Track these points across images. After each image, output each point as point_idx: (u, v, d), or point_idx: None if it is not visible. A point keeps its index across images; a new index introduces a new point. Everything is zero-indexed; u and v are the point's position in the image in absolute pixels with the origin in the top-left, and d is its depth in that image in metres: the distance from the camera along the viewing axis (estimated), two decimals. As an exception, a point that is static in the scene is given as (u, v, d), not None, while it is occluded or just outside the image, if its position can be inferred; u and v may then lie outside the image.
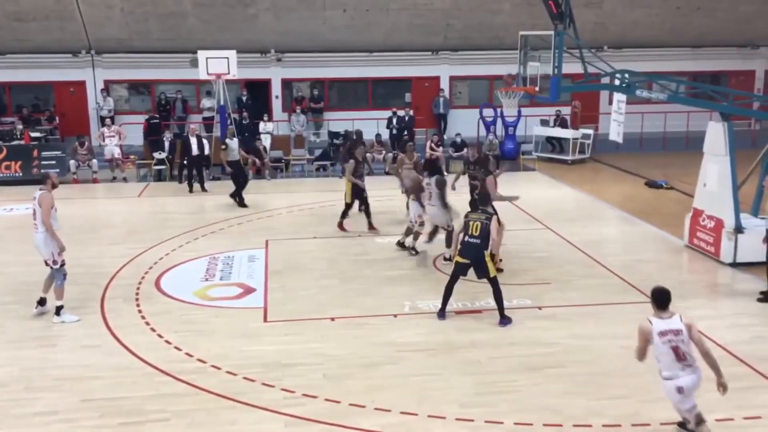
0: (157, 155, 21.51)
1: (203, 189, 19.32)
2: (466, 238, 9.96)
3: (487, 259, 9.91)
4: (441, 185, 12.72)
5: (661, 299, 6.82)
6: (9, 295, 11.41)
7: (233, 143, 18.10)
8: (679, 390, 6.69)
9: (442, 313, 10.25)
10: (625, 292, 11.35)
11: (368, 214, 14.89)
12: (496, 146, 23.14)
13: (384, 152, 21.83)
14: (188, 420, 7.61)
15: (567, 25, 12.74)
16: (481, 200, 10.61)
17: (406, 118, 24.15)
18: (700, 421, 6.79)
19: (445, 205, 12.77)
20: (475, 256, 9.90)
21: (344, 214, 15.00)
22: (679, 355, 6.64)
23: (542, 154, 24.38)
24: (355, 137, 18.54)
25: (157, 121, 23.61)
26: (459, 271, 10.15)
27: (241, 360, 8.97)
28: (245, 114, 23.33)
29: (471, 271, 10.09)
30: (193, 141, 19.39)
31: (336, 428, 7.43)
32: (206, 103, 25.09)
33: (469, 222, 10.06)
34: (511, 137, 24.38)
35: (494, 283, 9.99)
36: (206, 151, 19.70)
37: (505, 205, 13.48)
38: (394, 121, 24.01)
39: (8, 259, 13.39)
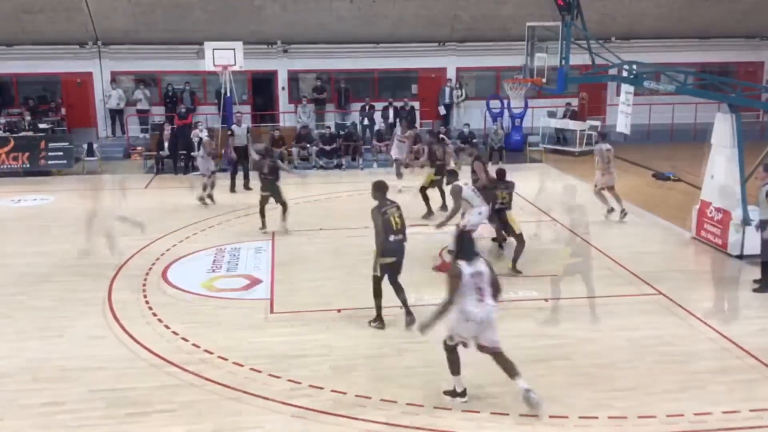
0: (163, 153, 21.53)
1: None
2: None
3: None
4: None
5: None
6: (15, 286, 11.46)
7: (240, 129, 18.91)
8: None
9: None
10: (631, 284, 11.32)
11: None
12: (501, 137, 22.98)
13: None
14: (194, 411, 7.64)
15: (574, 17, 12.69)
16: None
17: (407, 109, 24.02)
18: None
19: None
20: None
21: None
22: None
23: (549, 145, 24.29)
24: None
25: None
26: None
27: (247, 351, 8.99)
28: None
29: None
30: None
31: (342, 419, 7.45)
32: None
33: None
34: (518, 129, 24.29)
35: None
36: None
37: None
38: (391, 113, 23.92)
39: (15, 250, 13.46)
